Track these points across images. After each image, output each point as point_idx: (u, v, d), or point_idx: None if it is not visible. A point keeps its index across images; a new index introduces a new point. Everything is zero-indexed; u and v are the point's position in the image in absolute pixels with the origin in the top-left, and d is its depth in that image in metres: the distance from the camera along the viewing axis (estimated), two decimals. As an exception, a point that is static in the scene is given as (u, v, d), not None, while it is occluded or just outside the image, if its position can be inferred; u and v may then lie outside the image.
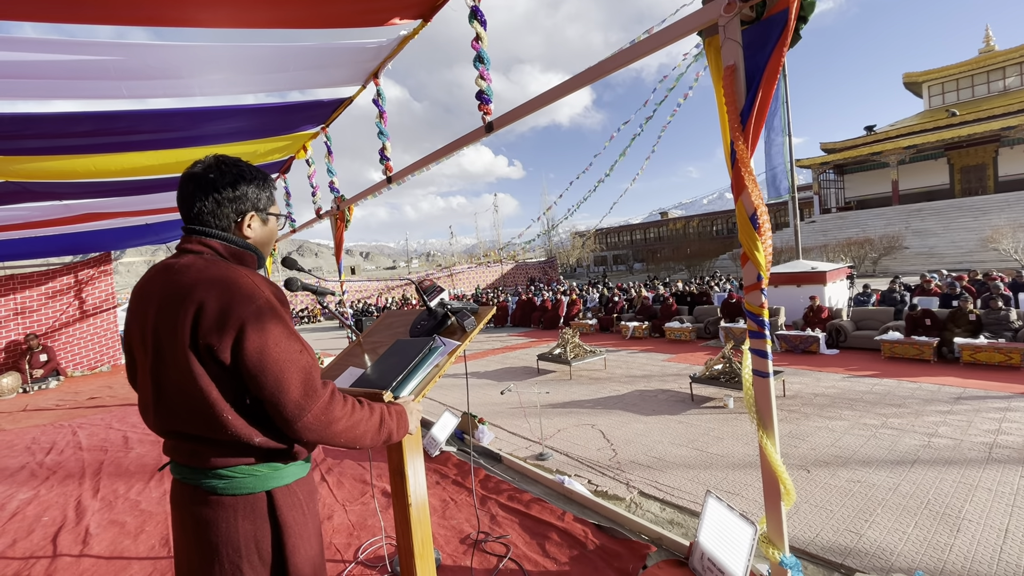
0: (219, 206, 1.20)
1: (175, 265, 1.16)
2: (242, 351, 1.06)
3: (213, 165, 1.21)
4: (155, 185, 5.18)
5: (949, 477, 3.59)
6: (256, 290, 1.11)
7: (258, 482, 1.15)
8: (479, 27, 3.05)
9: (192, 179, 1.20)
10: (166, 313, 1.10)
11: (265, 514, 1.16)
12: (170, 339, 1.09)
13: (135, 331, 1.20)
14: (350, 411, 1.19)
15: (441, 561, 2.59)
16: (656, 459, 4.33)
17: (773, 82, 1.79)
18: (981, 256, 20.24)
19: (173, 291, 1.10)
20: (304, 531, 1.21)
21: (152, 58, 2.90)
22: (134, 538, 3.07)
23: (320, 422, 1.12)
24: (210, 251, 1.19)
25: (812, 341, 8.32)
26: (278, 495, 1.17)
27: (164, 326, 1.10)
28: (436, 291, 1.94)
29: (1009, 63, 28.98)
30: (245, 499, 1.14)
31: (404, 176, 4.36)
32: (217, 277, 1.10)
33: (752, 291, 1.99)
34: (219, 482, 1.13)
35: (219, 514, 1.13)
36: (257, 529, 1.14)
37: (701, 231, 42.26)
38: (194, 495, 1.15)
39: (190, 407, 1.09)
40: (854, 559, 2.71)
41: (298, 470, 1.24)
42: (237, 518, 1.13)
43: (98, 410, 6.80)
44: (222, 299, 1.07)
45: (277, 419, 1.10)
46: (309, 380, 1.12)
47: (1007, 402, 5.13)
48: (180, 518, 1.19)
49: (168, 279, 1.14)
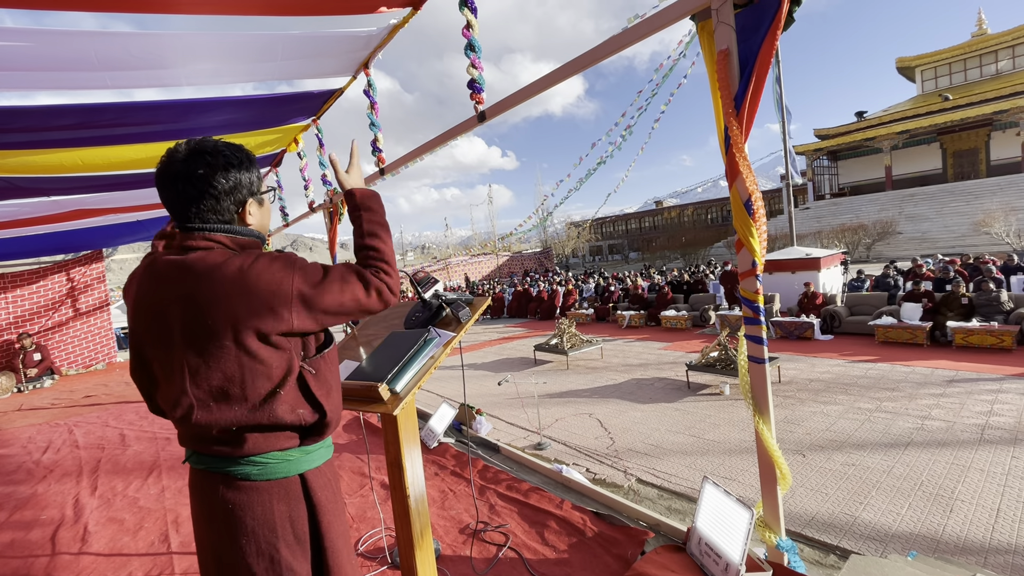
0: (218, 201, 1.15)
1: (185, 261, 1.10)
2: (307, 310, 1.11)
3: (196, 158, 1.13)
4: (145, 180, 5.11)
5: (942, 459, 3.63)
6: (288, 260, 1.14)
7: (291, 466, 1.17)
8: (470, 14, 3.01)
9: (179, 177, 1.12)
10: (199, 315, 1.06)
11: (300, 495, 1.17)
12: (210, 339, 1.06)
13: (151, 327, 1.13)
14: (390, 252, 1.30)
15: (441, 551, 2.60)
16: (653, 446, 4.35)
17: (767, 66, 1.78)
18: (973, 240, 20.35)
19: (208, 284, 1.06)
20: (335, 508, 1.25)
21: (136, 47, 2.84)
22: (133, 535, 3.07)
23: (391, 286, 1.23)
24: (219, 246, 1.14)
25: (807, 327, 8.37)
26: (310, 477, 1.20)
27: (203, 318, 1.06)
28: (430, 282, 1.93)
29: (1001, 46, 28.94)
30: (279, 483, 1.15)
31: (397, 167, 4.33)
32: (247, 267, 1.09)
33: (747, 277, 1.99)
34: (253, 468, 1.13)
35: (253, 498, 1.13)
36: (292, 509, 1.16)
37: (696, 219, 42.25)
38: (225, 482, 1.14)
39: (235, 398, 1.09)
40: (849, 541, 2.75)
41: (326, 452, 1.27)
42: (272, 500, 1.14)
43: (94, 408, 6.77)
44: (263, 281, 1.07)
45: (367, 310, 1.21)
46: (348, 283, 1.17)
47: (999, 384, 5.19)
48: (207, 508, 1.16)
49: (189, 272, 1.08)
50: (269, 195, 1.33)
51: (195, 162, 1.13)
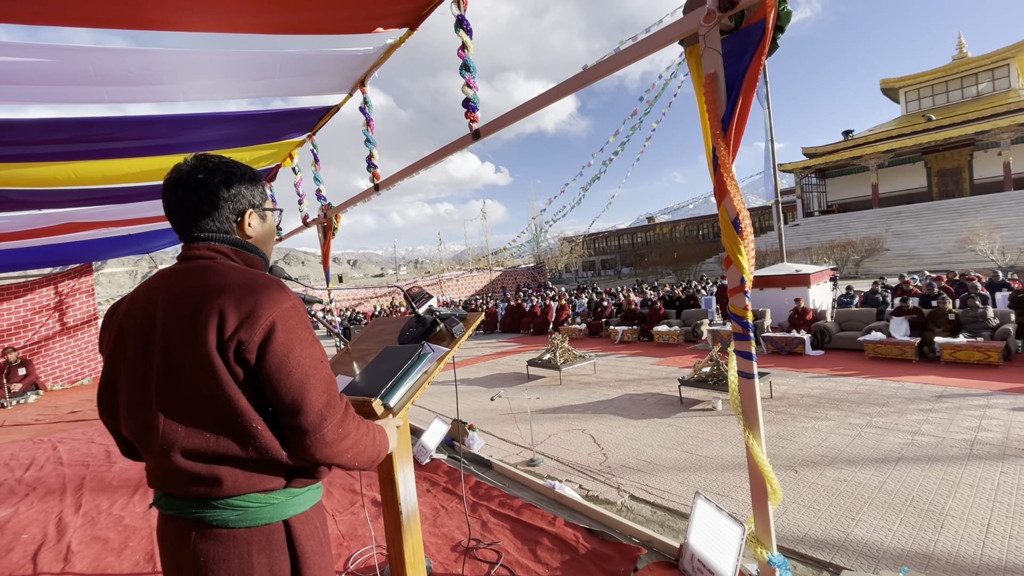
0: (216, 208, 1.14)
1: (184, 270, 1.08)
2: (268, 350, 0.99)
3: (199, 166, 1.15)
4: (138, 193, 5.11)
5: (932, 474, 3.66)
6: (284, 293, 1.06)
7: (275, 511, 1.06)
8: (465, 36, 3.08)
9: (180, 184, 1.13)
10: (182, 317, 1.01)
11: (284, 546, 1.07)
12: (188, 343, 0.99)
13: (128, 345, 1.07)
14: (356, 427, 1.13)
15: (432, 569, 2.57)
16: (646, 462, 4.34)
17: (753, 89, 1.84)
18: (959, 257, 20.70)
19: (190, 294, 1.02)
20: (321, 561, 1.13)
21: (133, 63, 2.88)
22: (118, 554, 3.01)
23: (336, 436, 1.06)
24: (221, 256, 1.13)
25: (798, 342, 8.43)
26: (295, 524, 1.09)
27: (179, 330, 1.00)
28: (424, 298, 1.94)
29: (981, 69, 29.84)
30: (260, 531, 1.04)
31: (392, 183, 4.37)
32: (241, 280, 1.04)
33: (736, 294, 2.02)
34: (231, 513, 1.02)
35: (230, 549, 1.01)
36: (274, 563, 1.04)
37: (688, 235, 42.67)
38: (198, 530, 1.02)
39: (213, 419, 1.00)
40: (842, 557, 2.75)
41: (314, 494, 1.16)
42: (251, 552, 1.02)
43: (79, 424, 6.65)
44: (250, 299, 1.01)
45: (291, 429, 1.02)
46: (331, 390, 1.06)
47: (986, 399, 5.25)
48: (176, 558, 1.05)
49: (179, 284, 1.06)
50: (274, 215, 1.30)
51: (199, 170, 1.15)
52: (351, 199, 5.06)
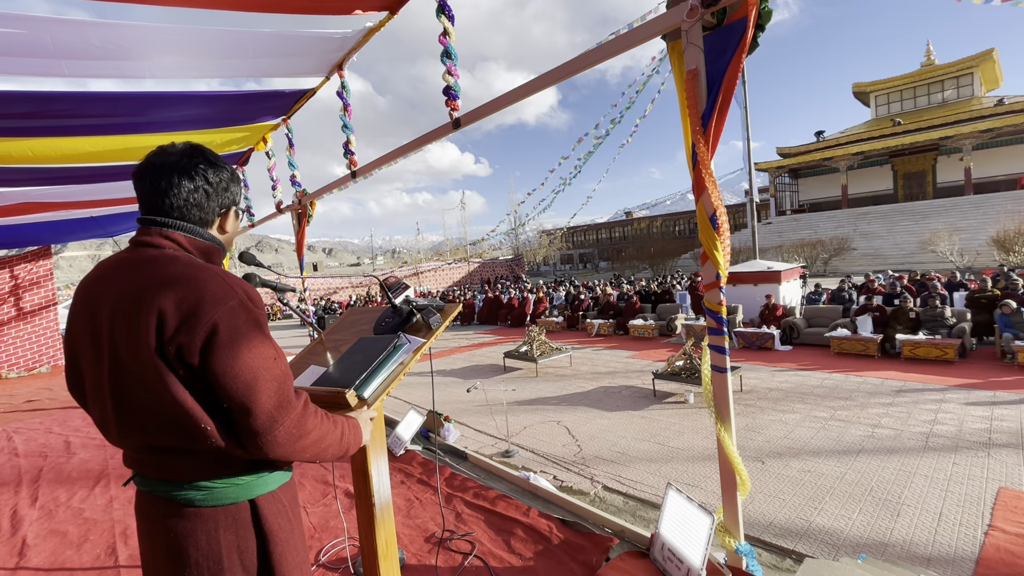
0: (208, 198, 1.13)
1: (131, 260, 1.05)
2: (211, 353, 0.96)
3: (195, 153, 1.13)
4: (101, 174, 4.89)
5: (890, 465, 3.81)
6: (229, 289, 1.02)
7: (240, 491, 1.07)
8: (447, 22, 3.02)
9: (173, 168, 1.09)
10: (123, 316, 0.99)
11: (249, 523, 1.08)
12: (132, 344, 0.97)
13: (83, 336, 1.07)
14: (319, 423, 1.11)
15: (406, 561, 2.56)
16: (619, 454, 4.41)
17: (733, 87, 1.85)
18: (921, 258, 21.55)
19: (133, 290, 0.99)
20: (291, 538, 1.15)
21: (96, 36, 2.73)
22: (77, 548, 2.90)
23: (291, 436, 1.03)
24: (173, 245, 1.08)
25: (767, 338, 8.67)
26: (262, 503, 1.10)
27: (122, 330, 0.99)
28: (401, 288, 1.91)
29: (947, 76, 30.93)
30: (226, 509, 1.06)
31: (370, 171, 4.28)
32: (184, 274, 1.00)
33: (711, 289, 2.05)
34: (197, 494, 1.04)
35: (197, 526, 1.04)
36: (241, 539, 1.07)
37: (664, 231, 43.25)
38: (167, 508, 1.06)
39: (163, 418, 0.99)
40: (804, 545, 2.85)
41: (282, 476, 1.17)
42: (218, 530, 1.05)
43: (36, 413, 6.38)
44: (191, 298, 0.97)
45: (243, 431, 1.00)
46: (283, 390, 1.03)
47: (942, 394, 5.49)
48: (149, 531, 1.10)
49: (125, 277, 1.03)
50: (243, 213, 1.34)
51: (196, 157, 1.13)
52: (327, 186, 4.95)
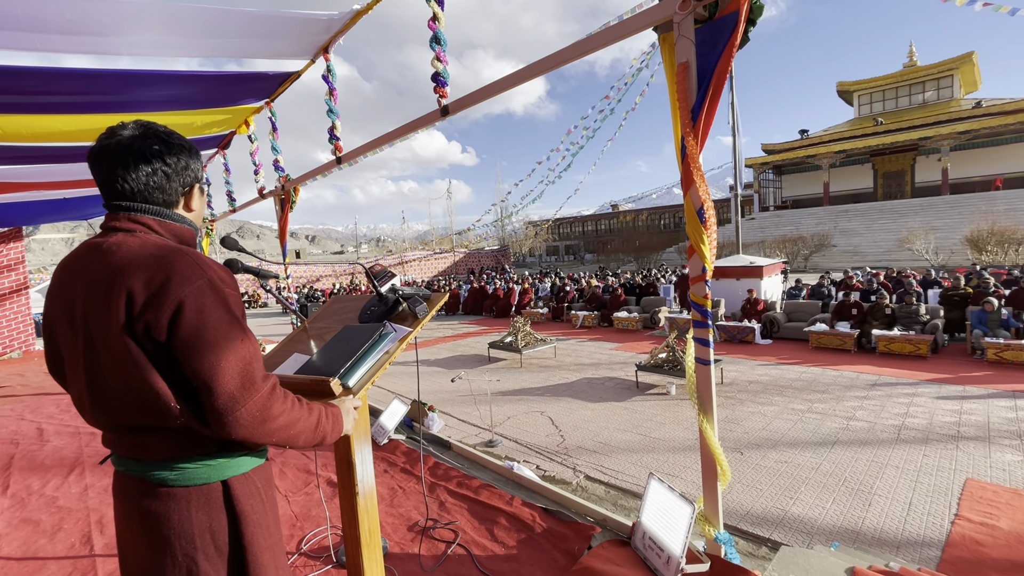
0: (169, 179, 1.11)
1: (103, 244, 1.05)
2: (177, 329, 0.97)
3: (147, 133, 1.09)
4: (75, 154, 4.72)
5: (864, 457, 3.93)
6: (198, 268, 1.02)
7: (212, 472, 1.09)
8: (436, 7, 2.97)
9: (127, 151, 1.06)
10: (96, 296, 1.01)
11: (221, 504, 1.10)
12: (102, 324, 0.99)
13: (59, 318, 1.09)
14: (288, 408, 1.10)
15: (389, 549, 2.56)
16: (602, 444, 4.46)
17: (723, 81, 1.86)
18: (897, 255, 22.06)
19: (103, 272, 1.01)
20: (263, 520, 1.16)
21: (70, 10, 2.62)
22: (50, 537, 2.84)
23: (255, 419, 1.03)
24: (144, 228, 1.09)
25: (748, 332, 8.81)
26: (234, 484, 1.12)
27: (95, 311, 1.01)
28: (387, 276, 1.89)
29: (928, 77, 31.50)
30: (199, 490, 1.08)
31: (355, 157, 4.22)
32: (154, 255, 1.01)
33: (697, 282, 2.07)
34: (169, 474, 1.06)
35: (170, 506, 1.06)
36: (213, 519, 1.09)
37: (650, 224, 43.55)
38: (141, 487, 1.08)
39: (133, 398, 1.01)
40: (780, 533, 2.92)
41: (255, 459, 1.18)
42: (191, 509, 1.07)
43: (8, 400, 6.20)
44: (159, 277, 0.98)
45: (207, 410, 1.00)
46: (248, 371, 1.03)
47: (915, 388, 5.66)
48: (125, 510, 1.12)
49: (96, 260, 1.04)
50: (207, 188, 1.30)
51: (149, 138, 1.09)
52: (311, 171, 4.86)
